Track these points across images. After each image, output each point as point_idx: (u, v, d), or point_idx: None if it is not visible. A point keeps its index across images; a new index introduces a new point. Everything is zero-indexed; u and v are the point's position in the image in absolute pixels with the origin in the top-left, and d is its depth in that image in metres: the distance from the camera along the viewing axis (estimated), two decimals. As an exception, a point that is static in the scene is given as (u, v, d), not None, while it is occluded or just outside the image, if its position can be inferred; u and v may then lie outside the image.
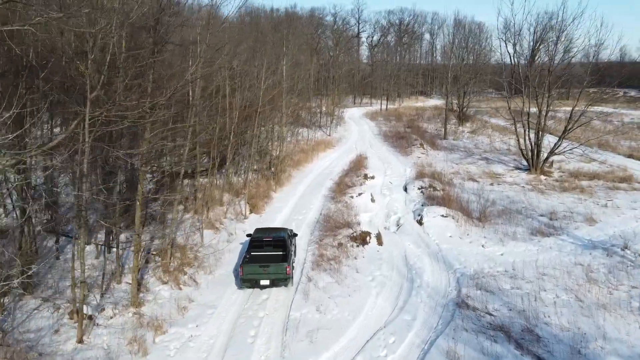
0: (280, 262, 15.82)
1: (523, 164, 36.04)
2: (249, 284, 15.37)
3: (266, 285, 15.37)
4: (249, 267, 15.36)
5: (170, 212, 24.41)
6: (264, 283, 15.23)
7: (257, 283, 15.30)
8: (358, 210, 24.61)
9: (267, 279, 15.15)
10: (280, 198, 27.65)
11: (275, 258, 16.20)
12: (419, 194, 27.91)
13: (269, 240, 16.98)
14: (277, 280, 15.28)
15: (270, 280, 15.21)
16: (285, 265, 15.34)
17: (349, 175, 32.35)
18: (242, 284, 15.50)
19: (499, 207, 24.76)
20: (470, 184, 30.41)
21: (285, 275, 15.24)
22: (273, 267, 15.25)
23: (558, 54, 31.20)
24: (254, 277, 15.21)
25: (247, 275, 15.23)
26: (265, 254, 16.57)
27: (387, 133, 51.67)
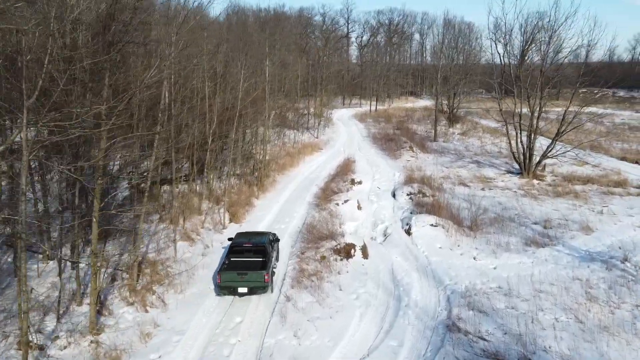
0: (259, 269, 15.24)
1: (515, 168, 35.04)
2: (226, 292, 14.93)
3: (244, 293, 14.86)
4: (227, 274, 14.91)
5: (146, 222, 23.10)
6: (242, 291, 14.76)
7: (234, 291, 14.83)
8: (344, 218, 23.36)
9: (245, 286, 14.71)
10: (262, 205, 26.32)
11: (254, 265, 15.62)
12: (408, 200, 26.73)
13: (249, 246, 16.47)
14: (255, 288, 14.82)
15: (248, 288, 14.74)
16: (263, 273, 14.87)
17: (335, 180, 31.11)
18: (220, 292, 15.03)
19: (490, 215, 23.65)
20: (461, 189, 29.31)
21: (264, 283, 14.83)
22: (251, 274, 14.79)
23: (550, 53, 30.18)
24: (232, 285, 14.78)
25: (224, 283, 14.80)
26: (245, 260, 15.98)
27: (376, 135, 50.51)
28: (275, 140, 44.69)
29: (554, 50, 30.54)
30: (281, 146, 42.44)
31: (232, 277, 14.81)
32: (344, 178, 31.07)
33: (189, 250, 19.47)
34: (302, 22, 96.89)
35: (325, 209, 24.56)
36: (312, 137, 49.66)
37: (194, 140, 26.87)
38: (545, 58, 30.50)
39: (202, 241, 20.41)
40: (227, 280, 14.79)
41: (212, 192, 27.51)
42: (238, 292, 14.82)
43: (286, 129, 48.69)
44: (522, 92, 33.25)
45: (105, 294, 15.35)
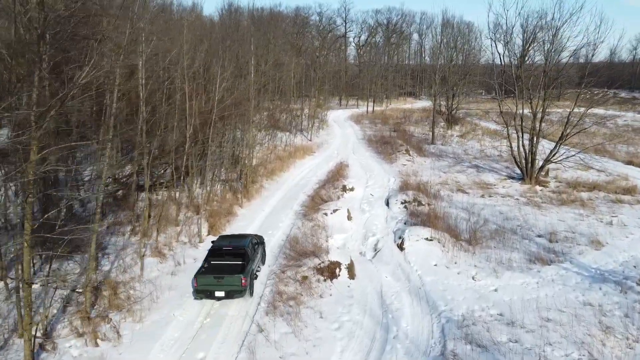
0: (237, 273, 14.78)
1: (516, 173, 33.23)
2: (203, 295, 14.63)
3: (221, 297, 14.56)
4: (204, 278, 14.63)
5: (117, 235, 21.29)
6: (219, 295, 14.49)
7: (211, 294, 14.53)
8: (332, 230, 21.53)
9: (222, 290, 14.43)
10: (245, 215, 24.47)
11: (232, 268, 15.17)
12: (402, 209, 24.89)
13: (229, 249, 16.05)
14: (232, 292, 14.49)
15: (225, 292, 14.45)
16: (240, 277, 14.53)
17: (326, 186, 29.28)
18: (197, 295, 14.70)
19: (491, 226, 21.83)
20: (459, 197, 27.48)
21: (241, 287, 14.50)
22: (228, 278, 14.48)
23: (554, 52, 28.34)
24: (208, 289, 14.49)
25: (201, 287, 14.52)
26: (223, 264, 15.61)
27: (371, 138, 48.67)
28: (267, 143, 42.95)
29: (557, 49, 28.65)
30: (272, 149, 40.65)
31: (208, 281, 14.49)
32: (335, 184, 29.23)
33: (157, 268, 17.64)
34: (299, 21, 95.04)
35: (312, 220, 22.74)
36: (306, 140, 47.85)
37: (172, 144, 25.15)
38: (548, 56, 28.64)
39: (174, 257, 18.57)
40: (203, 284, 14.47)
41: (193, 200, 25.71)
42: (215, 296, 14.50)
43: (279, 131, 46.93)
44: (523, 93, 31.44)
45: (55, 323, 13.53)
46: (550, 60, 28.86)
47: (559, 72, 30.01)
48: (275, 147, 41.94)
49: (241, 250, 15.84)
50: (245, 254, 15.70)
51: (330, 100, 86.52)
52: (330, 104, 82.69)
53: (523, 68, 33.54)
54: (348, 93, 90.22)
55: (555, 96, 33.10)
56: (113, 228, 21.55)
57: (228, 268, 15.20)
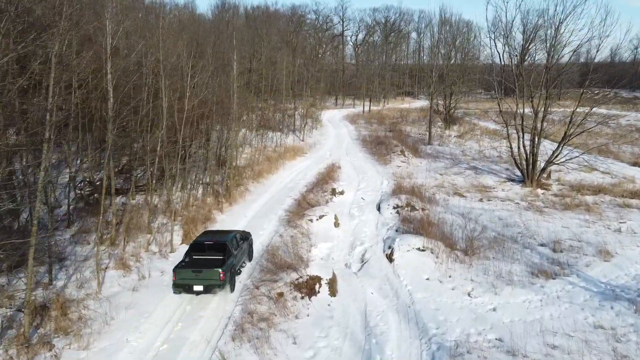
0: (216, 267, 14.42)
1: (516, 175, 31.52)
2: (181, 289, 14.38)
3: (200, 291, 14.29)
4: (182, 272, 14.44)
5: (82, 244, 19.55)
6: (197, 289, 14.26)
7: (190, 289, 14.30)
8: (316, 239, 19.82)
9: (200, 284, 14.23)
10: (225, 221, 22.72)
11: (212, 263, 14.79)
12: (394, 215, 23.17)
13: (210, 243, 15.79)
14: (210, 287, 14.25)
15: (203, 286, 14.22)
16: (219, 270, 14.25)
17: (315, 190, 27.54)
18: (175, 290, 14.45)
19: (489, 234, 20.11)
20: (456, 201, 25.76)
21: (219, 281, 14.25)
22: (206, 272, 14.27)
23: (557, 46, 26.60)
24: (187, 283, 14.28)
25: (179, 280, 14.35)
26: (203, 258, 15.39)
27: (366, 138, 46.94)
28: (257, 143, 41.27)
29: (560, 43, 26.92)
30: (262, 150, 38.94)
31: (187, 275, 14.34)
32: (325, 188, 27.49)
33: (119, 282, 15.89)
34: (295, 19, 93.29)
35: (296, 227, 21.00)
36: (298, 140, 46.13)
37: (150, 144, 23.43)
38: (550, 51, 26.89)
39: (140, 270, 16.81)
40: (182, 278, 14.33)
41: (170, 206, 23.98)
42: (194, 290, 14.29)
43: (270, 131, 45.24)
44: (524, 91, 29.72)
45: (-12, 350, 11.79)
46: (552, 56, 27.12)
47: (562, 69, 28.22)
48: (264, 147, 40.25)
49: (222, 245, 15.52)
50: (226, 249, 15.35)
51: (326, 100, 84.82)
52: (326, 104, 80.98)
53: (524, 65, 31.84)
54: (345, 93, 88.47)
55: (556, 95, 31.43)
56: (79, 236, 19.83)
57: (207, 262, 14.92)
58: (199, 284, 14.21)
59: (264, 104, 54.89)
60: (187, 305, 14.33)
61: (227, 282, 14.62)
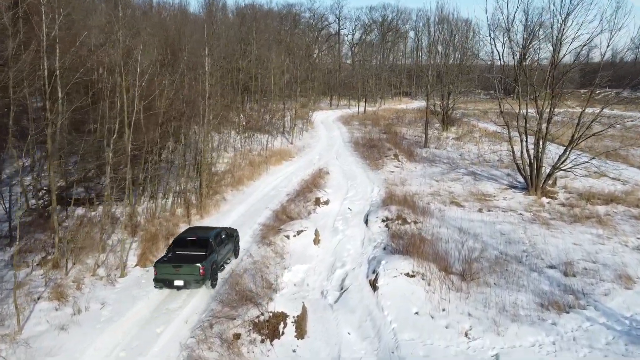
0: (197, 262, 14.44)
1: (519, 181, 28.97)
2: (162, 284, 14.50)
3: (180, 286, 14.41)
4: (162, 267, 14.55)
5: (20, 266, 16.95)
6: (178, 284, 14.38)
7: (170, 284, 14.44)
8: (291, 259, 17.26)
9: (180, 279, 14.33)
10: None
11: (193, 259, 14.76)
12: (383, 229, 20.62)
13: (193, 239, 15.75)
14: (190, 282, 14.35)
15: (183, 281, 14.32)
16: (198, 266, 14.33)
17: (297, 199, 24.98)
18: (156, 284, 14.58)
19: (490, 253, 17.56)
20: (453, 212, 23.21)
21: (199, 276, 14.33)
22: (186, 267, 14.36)
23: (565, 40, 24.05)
24: (167, 278, 14.41)
25: (160, 275, 14.46)
26: (185, 254, 15.27)
27: (358, 141, 44.36)
28: (242, 146, 38.73)
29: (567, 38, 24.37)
30: (246, 153, 36.40)
31: (167, 270, 14.43)
32: (308, 197, 24.91)
33: (49, 317, 13.27)
34: (290, 18, 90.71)
35: (270, 244, 18.42)
36: (287, 143, 43.52)
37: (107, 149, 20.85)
38: (557, 46, 24.33)
39: (77, 301, 14.20)
40: (162, 273, 14.43)
41: (133, 219, 21.42)
42: (174, 285, 14.41)
43: (259, 133, 42.68)
44: (527, 90, 27.17)
45: None
46: (559, 51, 24.56)
47: (570, 65, 25.63)
48: (249, 151, 37.71)
49: (204, 241, 15.51)
50: (208, 245, 15.35)
51: (320, 101, 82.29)
52: (320, 105, 78.48)
53: (526, 62, 29.32)
54: (340, 93, 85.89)
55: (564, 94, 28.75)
56: (20, 257, 17.22)
57: (189, 258, 14.87)
58: (179, 279, 14.29)
59: (253, 105, 52.46)
60: (122, 351, 11.72)
61: (208, 277, 14.59)
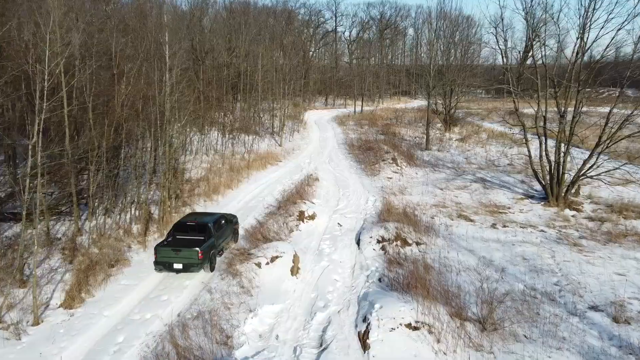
0: (196, 246, 14.80)
1: (535, 190, 25.30)
2: (162, 267, 14.87)
3: (180, 270, 14.80)
4: (163, 250, 14.93)
5: None
6: (177, 267, 14.78)
7: (170, 266, 14.81)
8: (261, 297, 13.50)
9: (179, 262, 14.72)
10: (142, 265, 16.30)
11: (192, 243, 15.24)
12: (379, 252, 16.88)
13: (192, 224, 16.25)
14: (189, 265, 14.71)
15: (182, 264, 14.69)
16: (197, 250, 14.68)
17: (278, 213, 21.18)
18: (156, 267, 14.95)
19: (514, 286, 13.80)
20: (462, 228, 19.48)
21: (197, 260, 14.69)
22: (185, 251, 14.74)
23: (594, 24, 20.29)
24: (167, 261, 14.80)
25: (160, 258, 14.85)
26: (185, 238, 15.81)
27: (353, 142, 40.59)
28: (225, 149, 35.00)
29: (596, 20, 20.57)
30: (229, 157, 32.69)
31: (167, 253, 14.84)
32: (291, 210, 21.10)
33: None
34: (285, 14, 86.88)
35: (236, 275, 14.65)
36: (275, 145, 39.76)
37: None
38: (585, 30, 20.56)
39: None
40: (162, 256, 14.84)
41: (76, 239, 17.70)
42: (174, 268, 14.79)
43: (244, 134, 38.94)
44: (547, 85, 23.44)
45: None
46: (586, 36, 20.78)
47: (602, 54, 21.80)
48: (232, 154, 33.97)
49: (203, 226, 16.01)
50: (207, 230, 15.84)
51: (316, 100, 78.60)
52: (315, 104, 74.81)
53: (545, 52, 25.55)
54: (336, 92, 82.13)
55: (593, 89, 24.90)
56: None
57: (188, 242, 15.43)
58: (178, 262, 14.71)
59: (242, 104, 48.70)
60: None
61: (206, 261, 15.03)
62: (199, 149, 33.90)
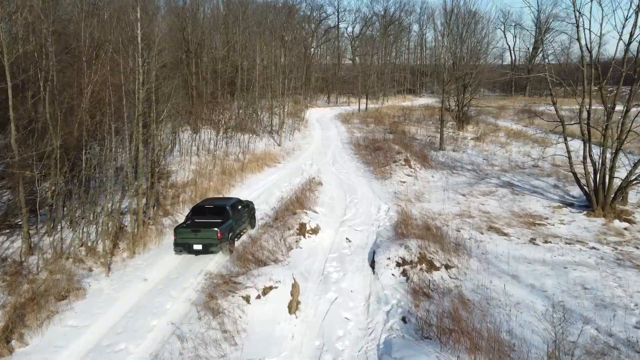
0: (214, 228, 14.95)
1: (572, 196, 21.92)
2: (181, 248, 15.01)
3: (199, 251, 14.92)
4: (182, 231, 15.06)
5: None
6: (197, 248, 14.90)
7: (190, 247, 14.96)
8: (247, 346, 10.13)
9: (199, 243, 14.88)
10: (98, 296, 12.90)
11: (211, 224, 15.33)
12: (399, 279, 13.47)
13: (210, 207, 16.40)
14: (208, 246, 14.89)
15: (202, 245, 14.87)
16: (216, 230, 14.87)
17: (275, 225, 17.78)
18: (176, 249, 15.07)
19: (580, 330, 10.37)
20: (496, 245, 16.08)
21: (216, 240, 14.86)
22: (204, 232, 14.89)
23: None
24: (187, 242, 14.95)
25: (180, 239, 14.99)
26: (204, 221, 15.75)
27: (360, 142, 37.17)
28: (217, 149, 31.62)
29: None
30: (222, 158, 29.30)
31: (186, 234, 14.96)
32: (290, 222, 17.64)
33: None
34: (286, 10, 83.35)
35: (217, 314, 11.23)
36: (274, 144, 36.36)
37: None
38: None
39: None
40: (182, 237, 14.97)
41: (22, 262, 14.35)
42: (194, 249, 14.93)
43: (241, 132, 35.56)
44: (592, 77, 19.98)
45: None
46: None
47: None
48: (226, 154, 30.60)
49: (221, 208, 16.10)
50: (225, 212, 15.92)
51: (317, 97, 75.20)
52: (316, 102, 71.43)
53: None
54: (339, 90, 78.74)
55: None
56: None
57: (207, 224, 15.41)
58: (198, 242, 14.82)
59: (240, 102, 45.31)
60: None
61: (225, 241, 15.04)
62: (189, 148, 30.53)
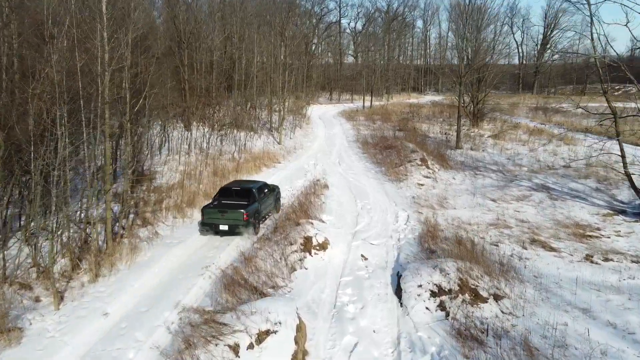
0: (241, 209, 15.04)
1: (621, 200, 18.78)
2: (208, 228, 15.24)
3: (225, 231, 15.10)
4: (209, 211, 15.28)
5: None
6: (223, 228, 15.07)
7: (216, 227, 15.12)
8: None
9: (225, 224, 15.03)
10: (37, 341, 9.70)
11: (237, 206, 15.41)
12: (435, 314, 10.29)
13: (237, 189, 16.52)
14: (234, 226, 14.99)
15: (228, 225, 14.99)
16: (242, 211, 14.96)
17: (274, 239, 14.55)
18: (202, 228, 15.38)
19: None
20: (546, 264, 12.94)
21: (243, 221, 14.94)
22: (231, 212, 15.03)
23: None
24: (213, 222, 15.13)
25: (207, 219, 15.19)
26: (230, 202, 15.86)
27: (367, 139, 33.96)
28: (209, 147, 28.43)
29: None
30: (215, 157, 26.15)
31: (214, 214, 15.13)
32: (291, 236, 14.39)
33: None
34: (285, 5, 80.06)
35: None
36: (274, 143, 33.18)
37: None
38: None
39: None
40: (209, 217, 15.14)
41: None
42: (220, 230, 15.07)
43: (238, 130, 32.43)
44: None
45: None
46: None
47: None
48: (220, 154, 27.44)
49: (248, 191, 16.16)
50: (251, 195, 16.00)
51: (319, 95, 72.04)
52: (318, 99, 68.26)
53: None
54: (342, 87, 75.59)
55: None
56: None
57: (233, 205, 15.46)
58: (224, 223, 14.92)
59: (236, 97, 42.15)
60: None
61: (250, 223, 15.01)
62: (179, 147, 27.35)
